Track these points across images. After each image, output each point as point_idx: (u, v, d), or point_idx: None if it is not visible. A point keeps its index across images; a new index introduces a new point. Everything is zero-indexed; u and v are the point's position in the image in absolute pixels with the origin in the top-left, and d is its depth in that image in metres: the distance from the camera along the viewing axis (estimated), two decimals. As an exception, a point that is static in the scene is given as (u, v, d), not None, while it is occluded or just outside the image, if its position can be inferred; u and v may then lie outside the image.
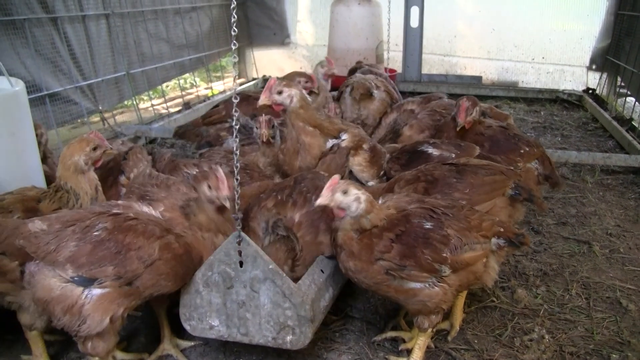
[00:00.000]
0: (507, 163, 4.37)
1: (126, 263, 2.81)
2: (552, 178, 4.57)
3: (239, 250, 2.95)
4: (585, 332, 3.68)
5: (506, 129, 4.66)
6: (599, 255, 4.62)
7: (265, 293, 2.99)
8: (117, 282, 2.81)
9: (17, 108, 3.80)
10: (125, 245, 2.83)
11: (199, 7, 9.75)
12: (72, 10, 6.84)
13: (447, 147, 4.26)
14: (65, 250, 2.77)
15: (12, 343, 3.48)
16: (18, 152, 3.83)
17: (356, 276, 3.13)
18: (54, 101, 6.50)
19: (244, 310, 3.05)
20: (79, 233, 2.82)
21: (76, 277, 2.77)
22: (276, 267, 2.98)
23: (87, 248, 2.79)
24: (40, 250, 2.77)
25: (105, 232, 2.83)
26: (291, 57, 11.60)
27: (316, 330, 3.13)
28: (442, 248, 3.04)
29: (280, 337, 3.04)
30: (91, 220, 2.87)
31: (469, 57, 10.58)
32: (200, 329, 3.16)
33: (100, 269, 2.77)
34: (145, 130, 7.46)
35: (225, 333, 3.13)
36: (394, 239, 3.03)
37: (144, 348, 3.53)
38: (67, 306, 2.77)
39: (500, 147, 4.49)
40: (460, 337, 3.63)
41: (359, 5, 9.18)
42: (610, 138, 7.73)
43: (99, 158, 3.57)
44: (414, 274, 3.03)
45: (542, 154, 4.55)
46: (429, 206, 3.17)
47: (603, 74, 9.48)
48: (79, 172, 3.45)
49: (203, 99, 9.61)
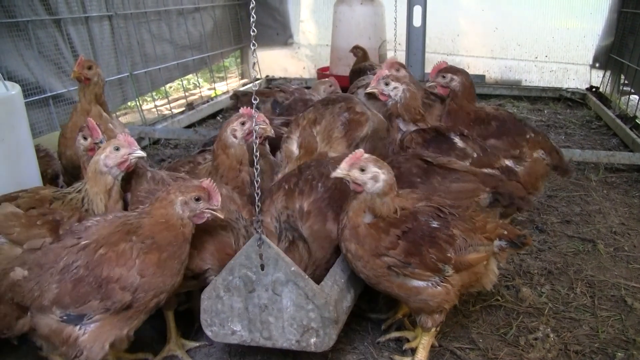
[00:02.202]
0: (512, 146, 4.38)
1: (110, 295, 2.74)
2: (561, 167, 4.57)
3: (260, 254, 2.91)
4: (590, 330, 3.68)
5: (512, 115, 4.72)
6: (603, 254, 4.61)
7: (287, 295, 2.94)
8: (107, 314, 2.77)
9: (8, 113, 3.74)
10: (104, 278, 2.76)
11: (202, 7, 9.76)
12: (75, 12, 6.85)
13: (474, 145, 4.19)
14: (49, 293, 2.75)
15: (16, 346, 3.47)
16: (10, 158, 3.77)
17: (355, 262, 3.09)
18: (57, 103, 6.52)
19: (266, 314, 3.00)
20: (57, 274, 2.77)
21: (65, 316, 2.76)
22: (298, 269, 2.93)
23: (68, 287, 2.74)
24: (26, 298, 2.78)
25: (82, 269, 2.77)
26: (294, 57, 11.60)
27: (340, 331, 3.09)
28: (448, 248, 3.03)
29: (304, 340, 2.99)
30: (65, 260, 2.80)
31: (472, 56, 10.55)
32: (223, 335, 3.10)
33: (86, 305, 2.74)
34: (149, 131, 7.47)
35: (248, 338, 3.08)
36: (401, 235, 3.01)
37: (150, 348, 3.53)
38: (64, 339, 2.79)
39: (507, 128, 4.51)
40: (465, 336, 3.62)
41: (362, 4, 9.16)
42: (614, 136, 7.71)
43: (123, 159, 3.35)
44: (417, 272, 3.02)
45: (548, 144, 4.55)
46: (436, 205, 3.16)
47: (606, 72, 9.44)
48: (97, 173, 3.35)
49: (206, 100, 9.62)
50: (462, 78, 4.78)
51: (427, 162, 3.75)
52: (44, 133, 6.30)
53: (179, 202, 2.89)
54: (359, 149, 3.14)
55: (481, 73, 10.48)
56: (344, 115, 4.44)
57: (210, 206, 2.96)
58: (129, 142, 3.39)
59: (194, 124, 8.65)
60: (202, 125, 8.75)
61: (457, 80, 4.76)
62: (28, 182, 3.86)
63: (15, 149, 3.81)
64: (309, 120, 4.39)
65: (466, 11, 10.43)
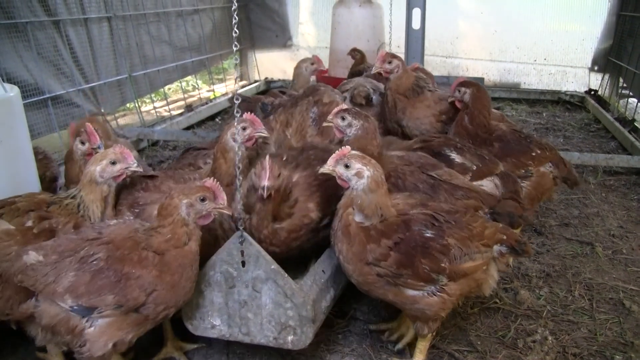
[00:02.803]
0: (517, 166, 4.33)
1: (127, 291, 2.75)
2: (570, 179, 4.55)
3: (241, 250, 2.96)
4: (589, 333, 3.68)
5: (517, 131, 4.62)
6: (601, 257, 4.61)
7: (267, 293, 3.00)
8: (117, 311, 2.77)
9: (7, 115, 3.72)
10: (124, 274, 2.77)
11: (201, 9, 9.76)
12: (75, 13, 6.85)
13: (472, 156, 4.09)
14: (65, 280, 2.74)
15: (17, 346, 3.48)
16: (8, 160, 3.75)
17: (346, 266, 3.09)
18: (56, 104, 6.51)
19: (245, 310, 3.06)
20: (76, 263, 2.78)
21: (75, 306, 2.75)
22: (278, 268, 2.98)
23: (86, 277, 2.75)
24: (38, 283, 2.76)
25: (102, 262, 2.78)
26: (293, 59, 11.54)
27: (317, 330, 3.13)
28: (441, 258, 2.98)
29: (281, 337, 3.05)
30: (86, 250, 2.82)
31: (471, 59, 10.57)
32: (202, 328, 3.17)
33: (100, 298, 2.74)
34: (148, 133, 7.46)
35: (227, 332, 3.14)
36: (392, 246, 2.97)
37: (147, 351, 3.52)
38: (70, 328, 2.78)
39: (511, 148, 4.42)
40: (463, 339, 3.62)
41: (360, 7, 9.17)
42: (613, 139, 7.72)
43: (118, 174, 3.44)
44: (410, 282, 3.00)
45: (555, 156, 4.51)
46: (431, 212, 3.10)
47: (605, 75, 9.47)
48: (92, 183, 3.39)
49: (205, 102, 9.63)
50: (473, 90, 4.63)
51: (433, 178, 3.71)
52: (43, 134, 6.31)
53: (184, 205, 2.88)
54: (345, 146, 3.16)
55: (480, 76, 10.46)
56: (312, 111, 4.38)
57: (217, 205, 2.95)
58: (125, 155, 3.44)
59: (192, 125, 8.65)
60: (201, 127, 8.75)
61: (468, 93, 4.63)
62: (26, 184, 3.84)
63: (13, 151, 3.78)
64: (281, 123, 4.35)
65: (465, 14, 10.45)
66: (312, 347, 3.39)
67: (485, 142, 4.45)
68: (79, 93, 6.90)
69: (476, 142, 4.44)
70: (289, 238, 3.45)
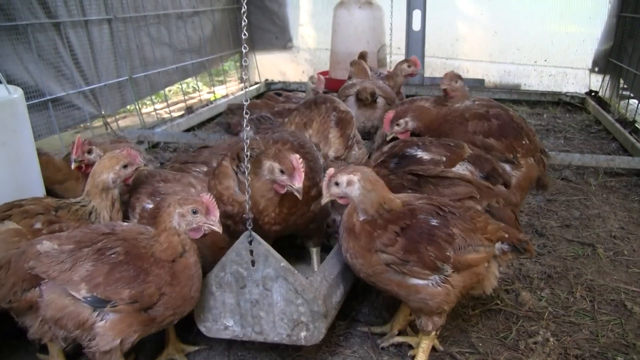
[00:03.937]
0: (508, 149, 4.33)
1: (144, 287, 2.77)
2: (542, 179, 4.55)
3: (250, 250, 2.98)
4: (590, 334, 3.67)
5: (512, 116, 4.58)
6: (603, 258, 4.61)
7: (277, 291, 3.03)
8: (131, 307, 2.77)
9: (10, 117, 3.72)
10: (143, 270, 2.80)
11: (201, 11, 9.77)
12: (75, 15, 6.85)
13: (438, 148, 4.05)
14: (82, 269, 2.74)
15: (16, 348, 3.48)
16: (11, 163, 3.75)
17: (354, 261, 3.12)
18: (56, 106, 6.52)
19: (257, 309, 3.08)
20: (94, 254, 2.79)
21: (90, 297, 2.74)
22: (288, 265, 3.01)
23: (105, 268, 2.76)
24: (52, 270, 2.75)
25: (122, 256, 2.80)
26: (293, 61, 11.62)
27: (329, 325, 3.15)
28: (446, 246, 3.04)
29: (294, 334, 3.07)
30: (103, 243, 2.84)
31: (471, 60, 10.57)
32: (215, 330, 3.19)
33: (116, 291, 2.74)
34: (148, 135, 7.47)
35: (240, 332, 3.16)
36: (399, 232, 3.03)
37: (148, 353, 3.52)
38: (80, 322, 2.78)
39: (508, 129, 4.39)
40: (465, 340, 3.62)
41: (360, 9, 9.18)
42: (614, 140, 7.71)
43: (129, 176, 3.50)
44: (415, 270, 3.03)
45: (537, 155, 4.51)
46: (436, 203, 3.17)
47: (606, 76, 9.46)
48: (105, 190, 3.42)
49: (206, 103, 9.62)
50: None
51: (419, 175, 3.71)
52: (43, 136, 6.32)
53: (177, 214, 2.90)
54: (329, 169, 3.19)
55: (480, 77, 10.49)
56: (333, 115, 4.42)
57: (208, 221, 2.94)
58: (133, 157, 3.51)
59: (193, 127, 8.65)
60: (201, 128, 8.74)
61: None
62: (30, 186, 3.85)
63: (17, 152, 3.79)
64: (297, 125, 4.36)
65: (465, 15, 10.46)
66: (313, 349, 3.39)
67: (484, 117, 4.41)
68: (80, 95, 6.92)
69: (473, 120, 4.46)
70: (288, 214, 3.45)
